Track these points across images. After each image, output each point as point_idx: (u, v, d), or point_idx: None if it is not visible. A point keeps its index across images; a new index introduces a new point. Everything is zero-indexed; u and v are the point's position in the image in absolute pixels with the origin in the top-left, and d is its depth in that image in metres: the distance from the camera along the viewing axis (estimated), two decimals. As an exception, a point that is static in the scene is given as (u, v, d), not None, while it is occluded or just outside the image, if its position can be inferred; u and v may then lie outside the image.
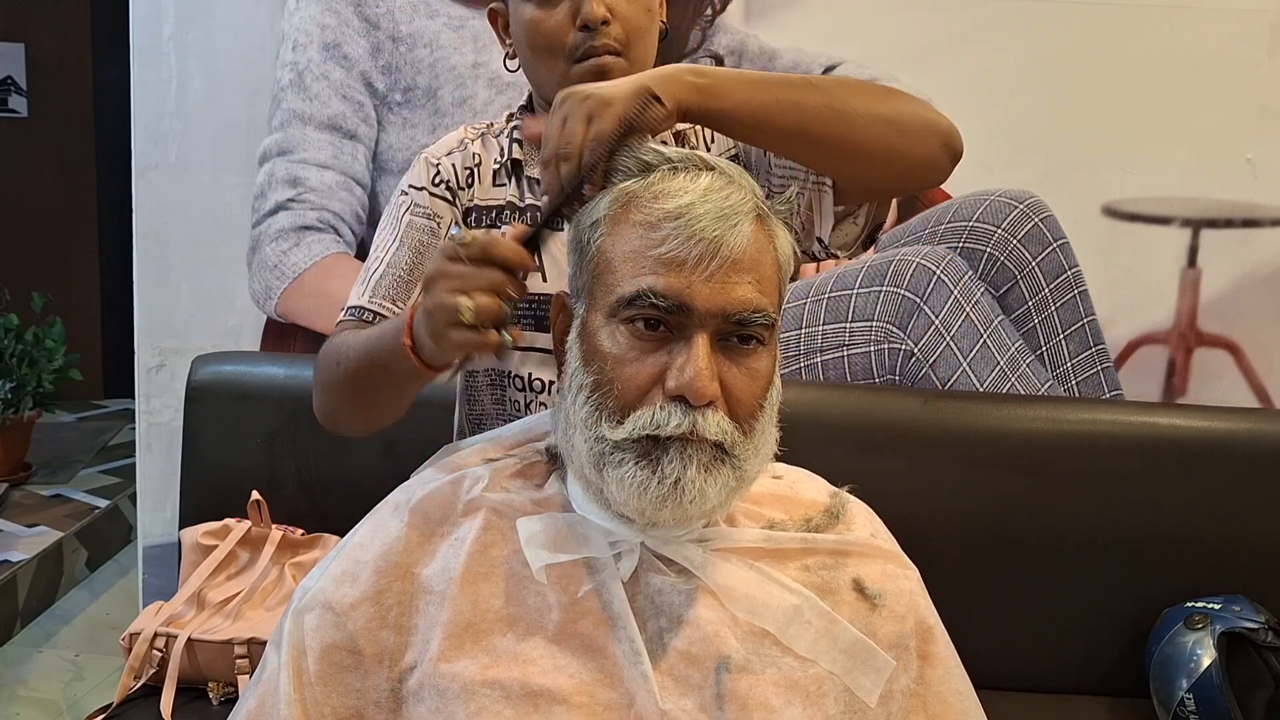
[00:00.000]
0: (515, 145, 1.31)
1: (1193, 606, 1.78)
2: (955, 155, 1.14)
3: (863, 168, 1.11)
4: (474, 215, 1.31)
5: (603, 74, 1.19)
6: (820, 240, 1.22)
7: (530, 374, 1.28)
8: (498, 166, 1.31)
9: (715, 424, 0.88)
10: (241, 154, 2.18)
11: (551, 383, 1.28)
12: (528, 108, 1.34)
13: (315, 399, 1.26)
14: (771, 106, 1.02)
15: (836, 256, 1.24)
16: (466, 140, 1.33)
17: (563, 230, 1.00)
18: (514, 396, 1.30)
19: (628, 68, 1.20)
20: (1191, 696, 1.70)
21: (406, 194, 1.30)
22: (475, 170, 1.31)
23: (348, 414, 1.24)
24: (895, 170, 1.12)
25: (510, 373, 1.29)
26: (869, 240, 1.25)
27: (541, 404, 1.27)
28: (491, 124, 1.36)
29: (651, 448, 0.88)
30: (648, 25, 1.23)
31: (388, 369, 1.10)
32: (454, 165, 1.31)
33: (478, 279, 0.93)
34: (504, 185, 1.31)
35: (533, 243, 0.96)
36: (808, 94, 1.05)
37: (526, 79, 1.30)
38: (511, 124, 1.33)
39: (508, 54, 1.30)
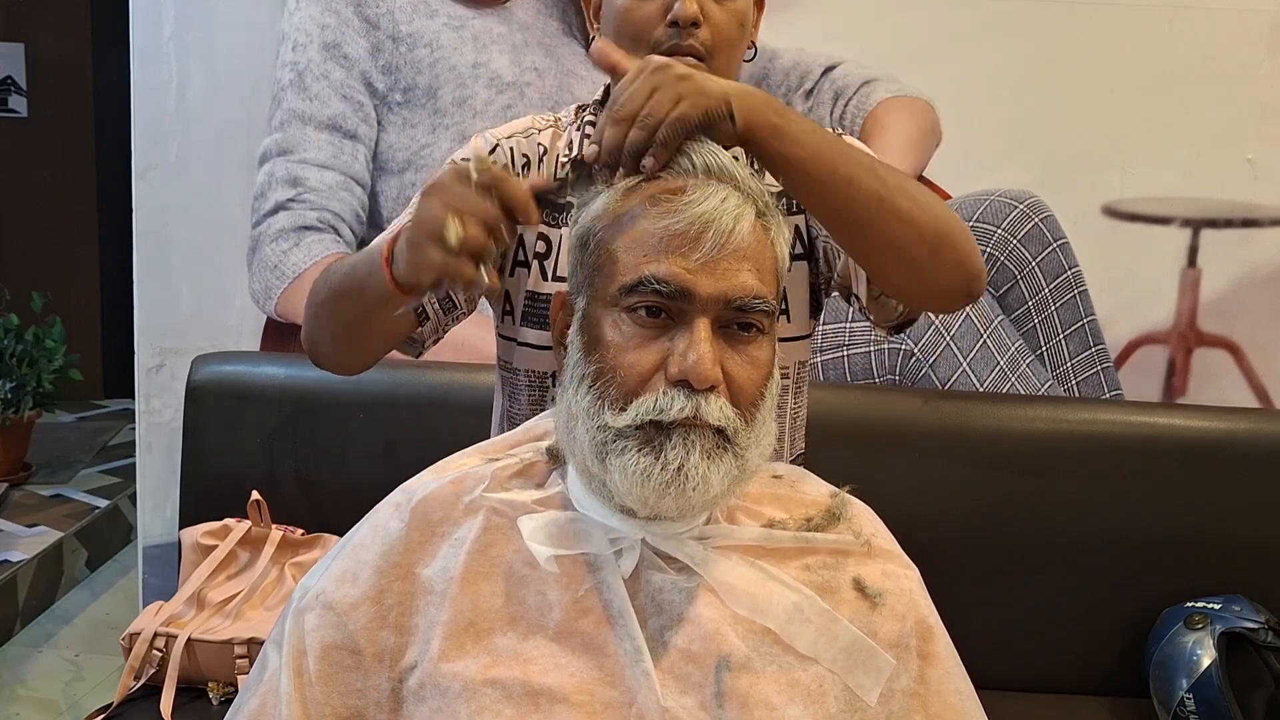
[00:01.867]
0: (585, 141, 1.29)
1: (1193, 606, 1.78)
2: (972, 297, 1.15)
3: (881, 265, 1.11)
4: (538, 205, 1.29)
5: None
6: (857, 296, 1.23)
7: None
8: (566, 160, 1.29)
9: (718, 409, 0.89)
10: (241, 154, 2.18)
11: None
12: (602, 102, 1.32)
13: (303, 321, 1.23)
14: (827, 174, 1.02)
15: (871, 321, 1.25)
16: (534, 130, 1.30)
17: (568, 203, 0.98)
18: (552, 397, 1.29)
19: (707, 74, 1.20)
20: (1191, 696, 1.70)
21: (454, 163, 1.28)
22: (536, 160, 1.29)
23: (325, 337, 1.21)
24: (909, 281, 1.12)
25: (551, 372, 1.29)
26: (900, 327, 1.25)
27: None
28: (559, 118, 1.33)
29: (654, 434, 0.89)
30: (737, 38, 1.23)
31: (364, 286, 1.08)
32: (512, 149, 1.28)
33: (474, 205, 0.90)
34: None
35: (547, 200, 0.94)
36: (866, 176, 1.05)
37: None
38: (583, 117, 1.31)
39: (593, 40, 1.29)
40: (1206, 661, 1.70)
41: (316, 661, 0.93)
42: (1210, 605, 1.77)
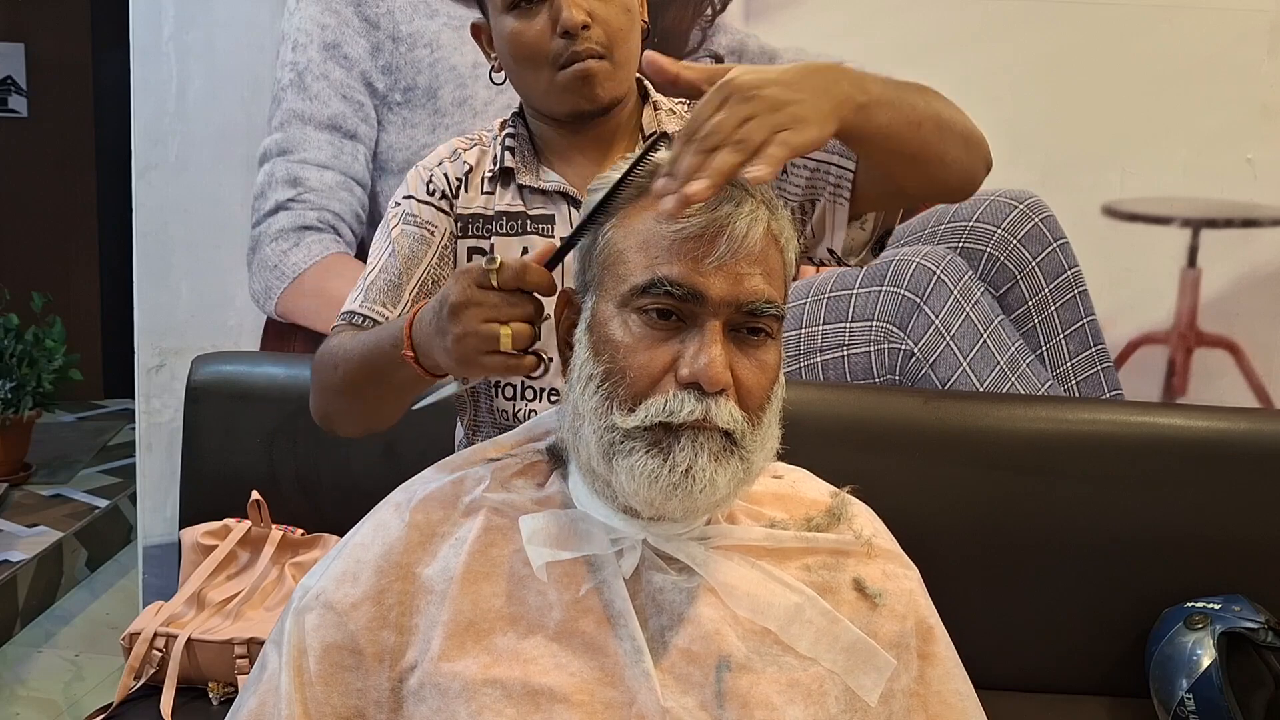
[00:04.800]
0: (507, 154, 1.32)
1: (1193, 606, 1.78)
2: (989, 167, 1.17)
3: (932, 177, 1.11)
4: (472, 224, 1.32)
5: (587, 78, 1.21)
6: (830, 250, 1.22)
7: (522, 381, 1.29)
8: (490, 174, 1.32)
9: (727, 412, 0.89)
10: (241, 154, 2.18)
11: (544, 390, 1.29)
12: (520, 115, 1.35)
13: (312, 400, 1.29)
14: (903, 128, 1.03)
15: (846, 263, 1.25)
16: (459, 150, 1.35)
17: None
18: (502, 405, 1.30)
19: (611, 70, 1.22)
20: (1191, 696, 1.70)
21: (399, 204, 1.33)
22: (466, 179, 1.33)
23: (346, 417, 1.26)
24: (950, 179, 1.13)
25: (500, 381, 1.30)
26: (879, 246, 1.25)
27: (531, 410, 1.28)
28: (482, 135, 1.37)
29: (663, 436, 0.88)
30: (628, 26, 1.24)
31: (386, 375, 1.12)
32: (445, 174, 1.33)
33: (512, 309, 0.94)
34: (491, 194, 1.32)
35: (556, 259, 0.97)
36: (921, 107, 1.05)
37: (514, 90, 1.31)
38: (505, 132, 1.34)
39: (493, 67, 1.31)
40: (1206, 661, 1.70)
41: (317, 661, 0.93)
42: (1210, 605, 1.77)
